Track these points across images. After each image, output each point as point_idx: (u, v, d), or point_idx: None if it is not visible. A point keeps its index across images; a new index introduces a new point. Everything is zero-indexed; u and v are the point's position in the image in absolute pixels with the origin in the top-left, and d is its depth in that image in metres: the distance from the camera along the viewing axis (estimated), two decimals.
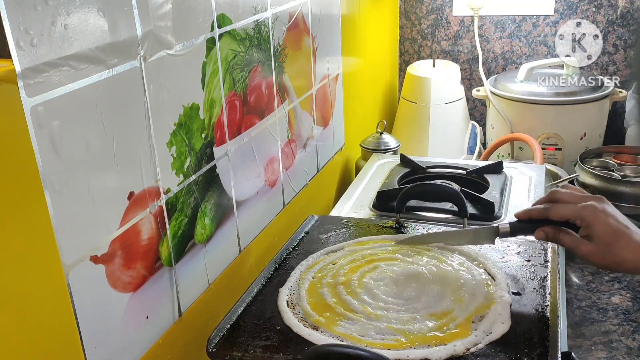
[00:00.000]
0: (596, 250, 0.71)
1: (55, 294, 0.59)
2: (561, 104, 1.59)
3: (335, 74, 1.35)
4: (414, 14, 1.91)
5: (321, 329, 0.73)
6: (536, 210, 0.76)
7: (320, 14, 1.22)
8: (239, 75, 0.92)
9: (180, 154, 0.78)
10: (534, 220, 0.77)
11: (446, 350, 0.67)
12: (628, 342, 1.08)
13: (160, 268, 0.76)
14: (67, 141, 0.59)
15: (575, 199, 0.74)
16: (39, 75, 0.55)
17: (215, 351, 0.71)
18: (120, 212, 0.68)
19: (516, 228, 0.78)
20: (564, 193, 0.75)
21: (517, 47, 1.85)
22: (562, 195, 0.75)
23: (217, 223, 0.89)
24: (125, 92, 0.67)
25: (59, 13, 0.57)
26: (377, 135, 1.47)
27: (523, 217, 0.78)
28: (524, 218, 0.78)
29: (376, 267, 0.85)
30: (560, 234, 0.75)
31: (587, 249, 0.72)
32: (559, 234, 0.75)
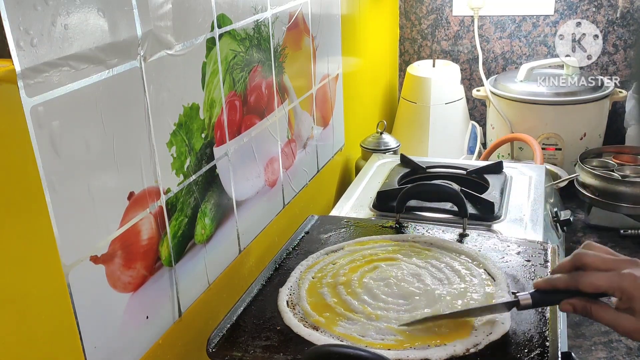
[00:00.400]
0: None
1: (55, 294, 0.59)
2: (561, 104, 1.59)
3: (335, 74, 1.35)
4: (414, 14, 1.91)
5: (321, 329, 0.73)
6: (561, 280, 0.66)
7: (320, 14, 1.22)
8: (239, 75, 0.92)
9: (180, 154, 0.78)
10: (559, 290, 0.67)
11: (446, 351, 0.67)
12: (628, 342, 1.08)
13: (160, 268, 0.76)
14: (67, 141, 0.59)
15: (608, 264, 0.64)
16: (39, 75, 0.55)
17: (215, 351, 0.71)
18: (120, 212, 0.68)
19: (538, 300, 0.68)
20: (594, 257, 0.65)
21: (517, 47, 1.85)
22: (591, 260, 0.65)
23: (217, 223, 0.89)
24: (125, 92, 0.67)
25: (59, 13, 0.57)
26: (377, 135, 1.47)
27: (545, 287, 0.67)
28: (547, 288, 0.67)
29: (376, 267, 0.85)
30: (594, 308, 0.64)
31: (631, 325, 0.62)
32: (592, 308, 0.64)
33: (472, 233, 0.94)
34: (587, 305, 0.64)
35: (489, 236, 0.94)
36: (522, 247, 0.89)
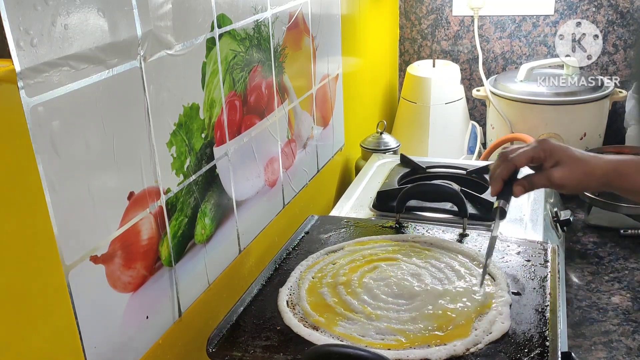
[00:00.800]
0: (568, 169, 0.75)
1: (55, 294, 0.59)
2: (561, 104, 1.59)
3: (335, 74, 1.35)
4: (414, 14, 1.91)
5: (321, 329, 0.73)
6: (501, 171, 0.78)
7: (320, 14, 1.22)
8: (239, 75, 0.92)
9: (180, 154, 0.78)
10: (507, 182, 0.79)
11: (446, 350, 0.67)
12: (628, 342, 1.08)
13: (160, 268, 0.76)
14: (67, 141, 0.59)
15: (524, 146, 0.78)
16: (39, 75, 0.55)
17: (215, 351, 0.71)
18: (120, 212, 0.68)
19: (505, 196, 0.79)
20: (512, 148, 0.80)
21: (517, 47, 1.85)
22: (511, 149, 0.79)
23: (217, 223, 0.89)
24: (125, 92, 0.67)
25: (59, 13, 0.57)
26: (377, 135, 1.47)
27: (499, 185, 0.79)
28: (500, 186, 0.79)
29: (376, 267, 0.85)
30: (532, 178, 0.78)
31: (561, 174, 0.75)
32: (532, 178, 0.78)
33: (472, 233, 0.94)
34: (527, 180, 0.78)
35: (489, 236, 0.94)
36: (522, 247, 0.89)
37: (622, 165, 0.75)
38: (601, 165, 0.75)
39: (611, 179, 0.75)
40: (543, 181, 0.77)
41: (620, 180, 0.75)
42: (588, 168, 0.75)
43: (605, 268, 1.30)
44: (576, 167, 0.75)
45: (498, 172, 0.79)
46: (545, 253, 0.88)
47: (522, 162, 0.77)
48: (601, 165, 0.75)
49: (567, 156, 0.75)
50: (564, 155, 0.75)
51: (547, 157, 0.76)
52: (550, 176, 0.76)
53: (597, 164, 0.75)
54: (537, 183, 0.78)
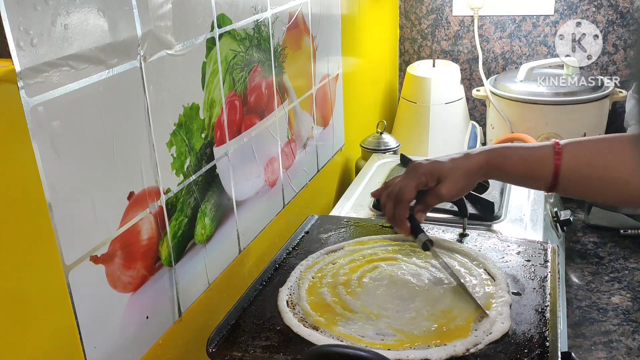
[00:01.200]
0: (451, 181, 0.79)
1: (55, 294, 0.59)
2: (561, 104, 1.59)
3: (335, 74, 1.35)
4: (414, 14, 1.91)
5: (321, 329, 0.73)
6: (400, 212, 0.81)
7: (320, 14, 1.22)
8: (239, 75, 0.92)
9: (180, 154, 0.78)
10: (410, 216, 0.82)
11: (446, 351, 0.67)
12: (628, 342, 1.08)
13: (160, 268, 0.76)
14: (67, 141, 0.59)
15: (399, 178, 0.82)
16: (39, 75, 0.55)
17: (215, 351, 0.71)
18: (120, 212, 0.68)
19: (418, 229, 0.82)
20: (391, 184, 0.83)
21: (517, 47, 1.86)
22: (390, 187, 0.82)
23: (217, 223, 0.89)
24: (125, 92, 0.67)
25: (59, 13, 0.57)
26: (377, 135, 1.47)
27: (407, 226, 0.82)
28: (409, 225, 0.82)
29: (376, 267, 0.85)
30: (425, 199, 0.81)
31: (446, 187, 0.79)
32: (425, 200, 0.81)
33: (472, 233, 0.94)
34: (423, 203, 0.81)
35: (489, 236, 0.94)
36: (522, 247, 0.89)
37: (492, 157, 0.78)
38: (475, 162, 0.78)
39: (487, 172, 0.79)
40: (435, 199, 0.80)
41: (494, 171, 0.79)
42: (464, 171, 0.79)
43: (605, 268, 1.30)
44: (456, 176, 0.79)
45: (398, 215, 0.81)
46: (545, 253, 0.87)
47: (412, 195, 0.80)
48: (475, 162, 0.78)
49: (445, 170, 0.79)
50: (442, 171, 0.79)
51: (429, 179, 0.79)
52: (439, 193, 0.79)
53: (471, 163, 0.78)
54: (431, 203, 0.81)
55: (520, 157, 0.78)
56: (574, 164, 0.75)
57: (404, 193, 0.80)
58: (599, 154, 0.75)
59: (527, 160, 0.78)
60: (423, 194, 0.81)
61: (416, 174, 0.80)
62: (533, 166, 0.77)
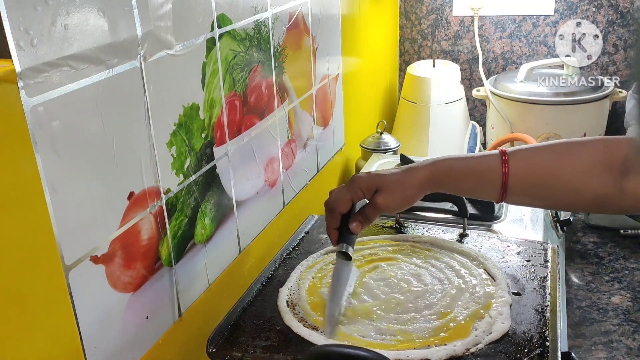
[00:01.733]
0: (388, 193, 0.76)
1: (55, 294, 0.59)
2: (561, 104, 1.59)
3: (335, 74, 1.35)
4: (414, 14, 1.91)
5: (321, 329, 0.73)
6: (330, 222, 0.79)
7: (320, 14, 1.22)
8: (239, 75, 0.92)
9: (180, 154, 0.78)
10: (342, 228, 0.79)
11: (446, 350, 0.67)
12: (628, 342, 1.08)
13: (160, 268, 0.76)
14: (67, 141, 0.59)
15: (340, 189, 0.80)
16: (39, 75, 0.55)
17: (215, 351, 0.71)
18: (120, 212, 0.68)
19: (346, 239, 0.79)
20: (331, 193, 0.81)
21: (517, 47, 1.85)
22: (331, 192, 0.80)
23: (217, 223, 0.89)
24: (125, 92, 0.67)
25: (59, 13, 0.57)
26: (377, 135, 1.47)
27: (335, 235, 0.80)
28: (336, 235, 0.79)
29: (376, 267, 0.85)
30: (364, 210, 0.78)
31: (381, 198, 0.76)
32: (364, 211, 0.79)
33: (472, 233, 0.94)
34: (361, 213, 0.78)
35: (489, 236, 0.94)
36: (522, 247, 0.89)
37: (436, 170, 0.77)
38: (417, 177, 0.77)
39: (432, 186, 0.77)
40: (371, 210, 0.78)
41: (440, 185, 0.77)
42: (404, 184, 0.77)
43: (605, 268, 1.30)
44: (393, 188, 0.77)
45: (327, 224, 0.80)
46: (545, 253, 0.88)
47: (344, 206, 0.78)
48: (417, 177, 0.77)
49: (383, 182, 0.77)
50: (380, 182, 0.77)
51: (365, 192, 0.77)
52: (375, 204, 0.77)
53: (412, 177, 0.77)
54: (368, 214, 0.78)
55: (467, 168, 0.76)
56: (522, 172, 0.74)
57: (337, 204, 0.78)
58: (546, 161, 0.74)
59: (474, 171, 0.76)
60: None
61: (352, 186, 0.78)
62: (480, 176, 0.76)
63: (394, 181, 0.77)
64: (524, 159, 0.74)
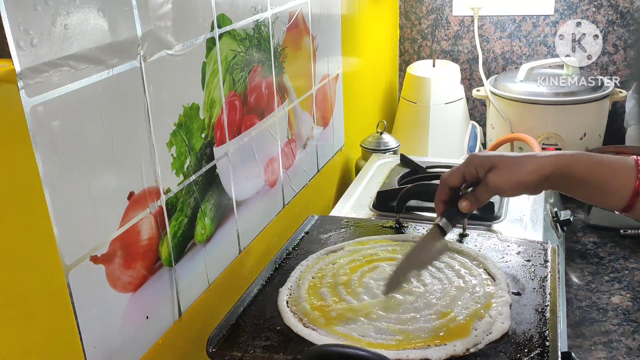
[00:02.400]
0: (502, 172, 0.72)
1: (55, 294, 0.59)
2: (561, 104, 1.59)
3: (335, 74, 1.35)
4: (414, 14, 1.91)
5: (321, 329, 0.73)
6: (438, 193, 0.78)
7: (320, 14, 1.22)
8: (239, 75, 0.92)
9: (180, 154, 0.78)
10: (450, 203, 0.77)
11: (446, 350, 0.67)
12: (628, 342, 1.08)
13: (160, 268, 0.76)
14: (67, 141, 0.59)
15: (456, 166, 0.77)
16: (39, 75, 0.55)
17: (215, 351, 0.71)
18: (120, 212, 0.68)
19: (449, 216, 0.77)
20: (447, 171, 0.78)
21: (517, 47, 1.85)
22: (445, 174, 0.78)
23: (217, 223, 0.89)
24: (125, 92, 0.67)
25: (59, 13, 0.57)
26: (377, 135, 1.47)
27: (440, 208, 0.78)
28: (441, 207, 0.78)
29: (376, 267, 0.85)
30: (476, 189, 0.75)
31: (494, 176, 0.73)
32: (475, 190, 0.75)
33: (472, 233, 0.94)
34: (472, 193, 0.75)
35: (489, 236, 0.94)
36: (522, 247, 0.89)
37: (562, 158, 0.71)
38: (539, 161, 0.72)
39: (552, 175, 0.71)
40: (483, 189, 0.74)
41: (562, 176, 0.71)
42: (522, 165, 0.72)
43: (605, 268, 1.30)
44: (510, 169, 0.72)
45: (437, 195, 0.78)
46: (545, 253, 0.88)
47: (454, 180, 0.76)
48: (539, 161, 0.72)
49: (499, 160, 0.73)
50: (495, 160, 0.73)
51: (478, 168, 0.74)
52: (487, 182, 0.73)
53: (534, 163, 0.72)
54: (479, 193, 0.75)
55: (597, 163, 0.70)
56: None
57: (448, 177, 0.76)
58: None
59: (605, 168, 0.70)
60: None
61: (467, 163, 0.75)
62: (611, 176, 0.69)
63: (511, 161, 0.73)
64: None
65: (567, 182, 0.72)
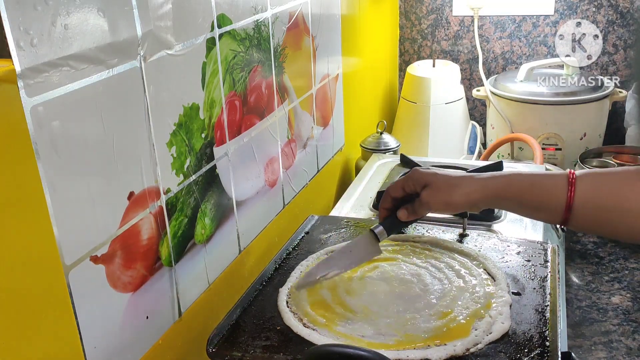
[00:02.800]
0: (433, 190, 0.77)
1: (55, 294, 0.59)
2: (561, 104, 1.59)
3: (335, 74, 1.35)
4: (414, 14, 1.91)
5: (321, 329, 0.73)
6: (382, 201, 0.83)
7: (320, 14, 1.22)
8: (239, 75, 0.92)
9: (180, 154, 0.78)
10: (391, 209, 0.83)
11: (446, 350, 0.67)
12: (628, 342, 1.08)
13: (160, 268, 0.76)
14: (67, 141, 0.59)
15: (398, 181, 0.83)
16: (39, 75, 0.55)
17: (215, 351, 0.71)
18: (120, 212, 0.68)
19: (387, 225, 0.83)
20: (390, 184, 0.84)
21: (517, 47, 1.85)
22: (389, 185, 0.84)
23: (217, 223, 0.89)
24: (125, 92, 0.67)
25: (59, 13, 0.57)
26: (377, 135, 1.47)
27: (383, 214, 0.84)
28: (384, 214, 0.83)
29: (376, 267, 0.85)
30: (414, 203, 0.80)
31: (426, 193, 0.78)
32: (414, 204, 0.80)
33: (472, 233, 0.94)
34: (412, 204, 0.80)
35: (489, 236, 0.94)
36: (522, 247, 0.89)
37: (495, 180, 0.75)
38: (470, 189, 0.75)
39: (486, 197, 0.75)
40: (418, 203, 0.79)
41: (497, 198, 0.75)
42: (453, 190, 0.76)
43: (605, 268, 1.30)
44: (440, 189, 0.77)
45: (380, 203, 0.83)
46: (545, 253, 0.88)
47: (395, 191, 0.81)
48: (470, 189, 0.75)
49: (432, 179, 0.78)
50: (430, 179, 0.78)
51: (415, 184, 0.79)
52: (421, 198, 0.78)
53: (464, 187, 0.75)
54: (416, 206, 0.80)
55: (529, 183, 0.74)
56: (590, 194, 0.70)
57: (391, 187, 0.82)
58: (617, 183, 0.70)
59: (537, 187, 0.73)
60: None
61: (407, 177, 0.80)
62: (544, 195, 0.72)
63: (443, 182, 0.77)
64: (593, 180, 0.71)
65: (502, 204, 0.77)
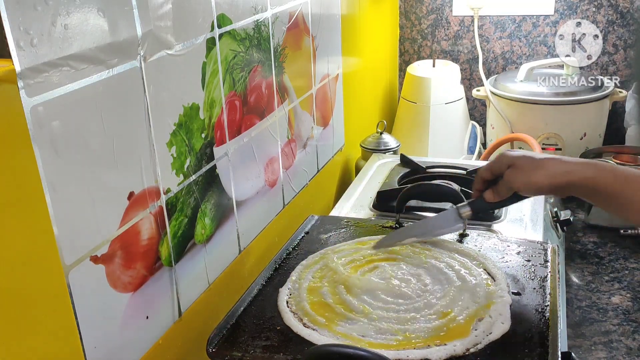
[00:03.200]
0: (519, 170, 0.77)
1: (55, 294, 0.59)
2: (561, 104, 1.59)
3: (335, 74, 1.35)
4: (414, 14, 1.91)
5: (321, 329, 0.73)
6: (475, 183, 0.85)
7: (320, 14, 1.22)
8: (239, 75, 0.92)
9: (180, 154, 0.78)
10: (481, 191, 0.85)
11: (446, 350, 0.67)
12: (628, 342, 1.08)
13: (160, 268, 0.76)
14: (67, 141, 0.59)
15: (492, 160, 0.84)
16: (39, 75, 0.55)
17: (215, 351, 0.71)
18: (120, 212, 0.68)
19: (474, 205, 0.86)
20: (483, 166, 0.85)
21: (517, 47, 1.85)
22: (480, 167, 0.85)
23: (217, 223, 0.89)
24: (125, 92, 0.67)
25: (59, 13, 0.57)
26: (377, 135, 1.47)
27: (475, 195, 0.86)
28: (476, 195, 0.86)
29: (376, 267, 0.85)
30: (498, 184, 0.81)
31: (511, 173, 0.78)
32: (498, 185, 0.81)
33: (472, 233, 0.94)
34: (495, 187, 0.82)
35: (489, 236, 0.94)
36: (522, 247, 0.89)
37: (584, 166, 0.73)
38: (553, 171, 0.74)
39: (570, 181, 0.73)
40: (502, 184, 0.80)
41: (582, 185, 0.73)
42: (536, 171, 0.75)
43: (605, 268, 1.30)
44: (524, 169, 0.76)
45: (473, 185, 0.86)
46: (545, 253, 0.88)
47: (485, 173, 0.83)
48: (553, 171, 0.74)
49: (518, 160, 0.78)
50: (515, 160, 0.78)
51: (502, 165, 0.80)
52: (504, 178, 0.79)
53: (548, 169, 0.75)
54: (499, 187, 0.81)
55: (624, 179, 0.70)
56: None
57: (481, 170, 0.84)
58: None
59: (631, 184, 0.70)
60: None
61: (496, 159, 0.81)
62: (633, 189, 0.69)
63: (527, 162, 0.77)
64: None
65: (588, 193, 0.74)
